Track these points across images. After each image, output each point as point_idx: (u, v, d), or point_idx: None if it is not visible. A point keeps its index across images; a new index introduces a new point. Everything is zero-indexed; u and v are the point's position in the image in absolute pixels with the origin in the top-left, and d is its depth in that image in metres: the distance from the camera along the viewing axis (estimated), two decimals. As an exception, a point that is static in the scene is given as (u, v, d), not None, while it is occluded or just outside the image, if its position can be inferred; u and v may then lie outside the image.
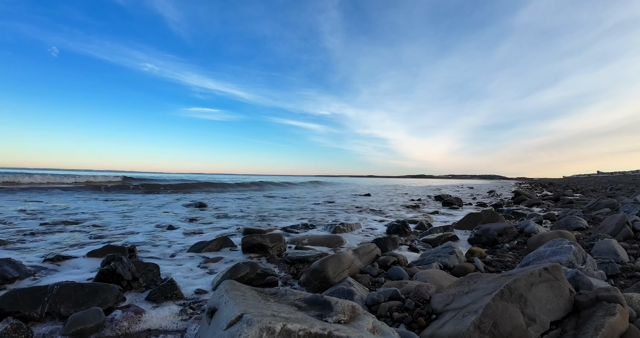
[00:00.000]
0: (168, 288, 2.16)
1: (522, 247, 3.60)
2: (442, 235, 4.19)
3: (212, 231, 4.96)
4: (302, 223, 5.74)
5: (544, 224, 5.14)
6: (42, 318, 1.75)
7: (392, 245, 3.64)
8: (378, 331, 1.28)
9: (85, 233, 4.52)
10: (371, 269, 2.64)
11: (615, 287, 1.54)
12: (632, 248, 2.98)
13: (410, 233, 4.84)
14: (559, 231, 3.52)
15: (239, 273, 2.47)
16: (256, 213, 7.39)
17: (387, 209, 8.81)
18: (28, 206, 7.54)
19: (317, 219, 6.60)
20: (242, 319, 1.10)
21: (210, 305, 1.37)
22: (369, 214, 7.58)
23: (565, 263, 2.30)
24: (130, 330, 1.73)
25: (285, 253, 3.49)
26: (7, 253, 3.26)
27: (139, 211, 7.31)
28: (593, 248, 2.94)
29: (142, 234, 4.56)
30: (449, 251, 3.01)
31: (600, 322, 1.33)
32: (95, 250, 3.29)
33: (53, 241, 3.95)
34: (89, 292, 1.92)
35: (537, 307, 1.45)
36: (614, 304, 1.42)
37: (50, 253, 3.18)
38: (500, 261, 3.02)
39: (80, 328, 1.63)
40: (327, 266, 2.39)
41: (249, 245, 3.44)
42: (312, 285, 2.37)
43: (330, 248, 3.83)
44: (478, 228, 4.19)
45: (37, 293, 1.83)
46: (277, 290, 1.57)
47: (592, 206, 6.38)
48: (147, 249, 3.67)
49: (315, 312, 1.33)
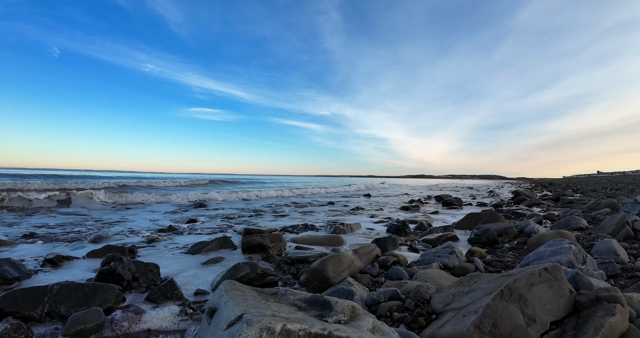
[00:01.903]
0: (168, 289, 2.16)
1: (522, 247, 3.59)
2: (442, 235, 4.18)
3: (212, 231, 4.96)
4: (302, 223, 5.74)
5: (544, 224, 5.13)
6: (42, 318, 1.75)
7: (392, 245, 3.64)
8: (378, 331, 1.28)
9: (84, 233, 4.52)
10: (371, 269, 2.64)
11: (615, 287, 1.54)
12: (632, 248, 2.98)
13: (410, 233, 4.84)
14: (559, 231, 3.52)
15: (239, 273, 2.47)
16: (256, 213, 7.38)
17: (387, 209, 8.81)
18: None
19: (317, 219, 6.59)
20: (242, 319, 1.10)
21: (210, 305, 1.37)
22: (369, 214, 7.58)
23: (565, 263, 2.30)
24: (130, 330, 1.73)
25: (285, 253, 3.49)
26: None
27: (139, 210, 7.30)
28: (593, 248, 2.94)
29: (142, 234, 4.56)
30: (449, 251, 3.01)
31: (600, 322, 1.33)
32: (95, 250, 3.29)
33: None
34: (89, 292, 1.93)
35: (537, 307, 1.45)
36: (614, 304, 1.42)
37: (50, 253, 3.18)
38: (500, 261, 3.02)
39: (80, 328, 1.63)
40: (327, 266, 2.39)
41: (249, 245, 3.44)
42: (312, 285, 2.37)
43: (330, 248, 3.83)
44: (478, 228, 4.19)
45: (37, 293, 1.83)
46: (277, 290, 1.57)
47: (592, 206, 6.38)
48: (147, 249, 3.67)
49: (315, 312, 1.33)
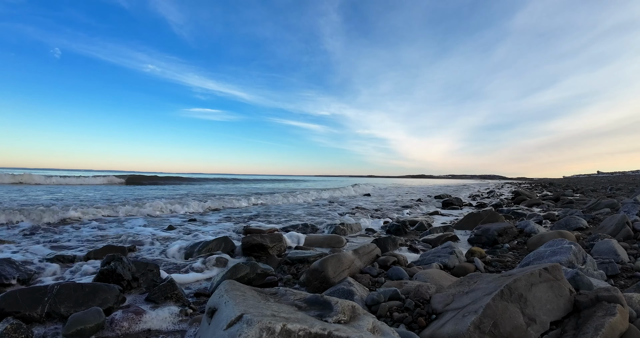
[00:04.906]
0: (168, 289, 2.16)
1: (522, 247, 3.59)
2: (442, 235, 4.18)
3: (212, 231, 4.96)
4: (302, 223, 5.74)
5: (544, 224, 5.13)
6: (42, 318, 1.75)
7: (392, 245, 3.64)
8: (378, 331, 1.28)
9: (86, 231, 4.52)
10: (371, 269, 2.64)
11: (615, 287, 1.54)
12: (632, 248, 2.98)
13: (410, 233, 4.84)
14: (559, 231, 3.52)
15: (239, 273, 2.47)
16: (256, 214, 7.38)
17: (387, 209, 8.81)
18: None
19: (317, 219, 6.59)
20: (242, 319, 1.10)
21: (210, 305, 1.37)
22: (369, 214, 7.58)
23: (565, 263, 2.30)
24: (130, 330, 1.74)
25: (285, 253, 3.49)
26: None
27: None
28: (593, 248, 2.94)
29: (142, 234, 4.56)
30: (449, 251, 3.01)
31: (600, 322, 1.33)
32: (96, 249, 3.30)
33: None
34: (89, 292, 1.93)
35: (537, 307, 1.45)
36: (614, 304, 1.42)
37: (50, 252, 3.18)
38: (500, 261, 3.02)
39: (80, 329, 1.63)
40: (327, 266, 2.39)
41: (249, 245, 3.44)
42: (312, 285, 2.37)
43: (330, 248, 3.83)
44: (478, 228, 4.19)
45: (37, 293, 1.83)
46: (277, 290, 1.57)
47: (592, 206, 6.38)
48: (147, 249, 3.67)
49: (315, 312, 1.33)
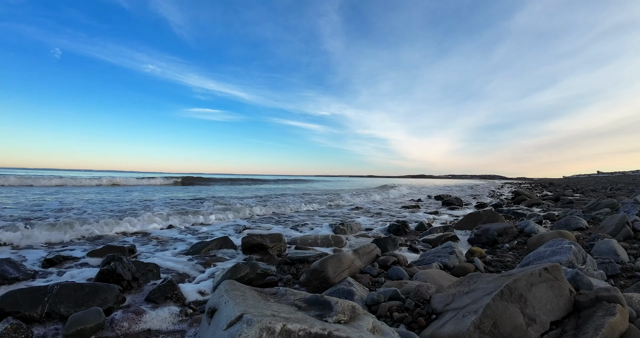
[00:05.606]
0: (168, 289, 2.16)
1: (522, 247, 3.59)
2: (442, 235, 4.18)
3: (212, 231, 4.96)
4: (302, 223, 5.74)
5: (544, 224, 5.13)
6: (42, 318, 1.75)
7: (392, 245, 3.64)
8: (378, 331, 1.28)
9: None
10: (371, 269, 2.64)
11: (615, 287, 1.54)
12: (632, 248, 2.98)
13: (410, 233, 4.84)
14: (559, 231, 3.52)
15: (239, 273, 2.47)
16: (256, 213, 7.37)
17: (387, 209, 8.81)
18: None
19: (317, 219, 6.59)
20: (242, 319, 1.10)
21: (210, 305, 1.37)
22: (369, 214, 7.58)
23: (565, 263, 2.30)
24: (130, 330, 1.74)
25: (285, 253, 3.49)
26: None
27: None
28: (593, 248, 2.94)
29: (142, 234, 4.56)
30: (449, 251, 3.01)
31: (600, 322, 1.33)
32: (95, 249, 3.30)
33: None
34: (89, 292, 1.93)
35: (537, 307, 1.45)
36: (614, 304, 1.42)
37: (50, 252, 3.18)
38: (500, 261, 3.02)
39: (80, 329, 1.63)
40: (327, 266, 2.39)
41: (249, 245, 3.44)
42: (312, 285, 2.37)
43: (330, 248, 3.83)
44: (478, 228, 4.19)
45: (37, 293, 1.83)
46: (277, 290, 1.57)
47: (592, 206, 6.38)
48: (147, 249, 3.67)
49: (315, 312, 1.33)
